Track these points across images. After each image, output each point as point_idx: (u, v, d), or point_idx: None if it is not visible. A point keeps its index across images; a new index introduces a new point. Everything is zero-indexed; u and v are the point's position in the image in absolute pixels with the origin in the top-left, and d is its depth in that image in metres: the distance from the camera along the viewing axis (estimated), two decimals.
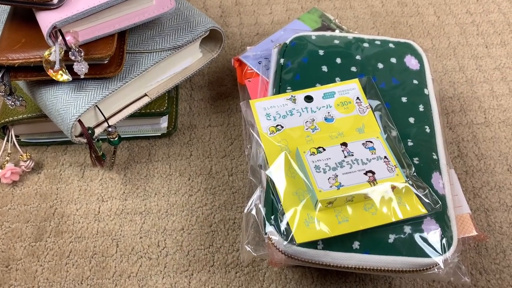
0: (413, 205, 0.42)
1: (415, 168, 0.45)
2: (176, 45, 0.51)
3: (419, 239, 0.41)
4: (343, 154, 0.44)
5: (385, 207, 0.42)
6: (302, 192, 0.42)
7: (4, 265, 0.49)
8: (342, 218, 0.41)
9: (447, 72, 0.64)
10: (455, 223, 0.43)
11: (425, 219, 0.42)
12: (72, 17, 0.43)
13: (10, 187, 0.54)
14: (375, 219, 0.41)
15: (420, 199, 0.42)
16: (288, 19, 0.70)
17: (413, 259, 0.40)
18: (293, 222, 0.40)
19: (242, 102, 0.49)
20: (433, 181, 0.45)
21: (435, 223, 0.42)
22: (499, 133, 0.58)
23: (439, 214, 0.43)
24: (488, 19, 0.70)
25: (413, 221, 0.42)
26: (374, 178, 0.42)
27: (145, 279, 0.48)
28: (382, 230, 0.41)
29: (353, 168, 0.43)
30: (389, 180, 0.42)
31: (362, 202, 0.42)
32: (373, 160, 0.44)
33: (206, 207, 0.52)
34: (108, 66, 0.47)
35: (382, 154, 0.44)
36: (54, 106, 0.47)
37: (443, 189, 0.44)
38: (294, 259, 0.41)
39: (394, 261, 0.40)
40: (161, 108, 0.54)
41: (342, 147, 0.44)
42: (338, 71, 0.52)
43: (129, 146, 0.57)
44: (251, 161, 0.46)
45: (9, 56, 0.45)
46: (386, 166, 0.43)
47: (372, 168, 0.43)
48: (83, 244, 0.50)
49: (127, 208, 0.52)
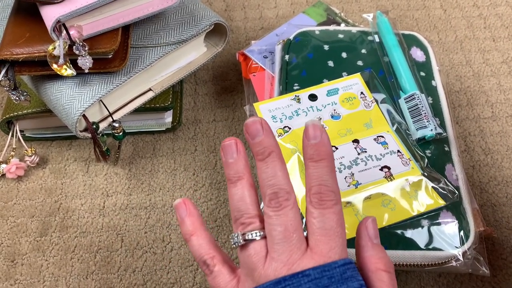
0: (431, 197, 0.41)
1: (428, 161, 0.44)
2: (180, 39, 0.51)
3: (436, 232, 0.41)
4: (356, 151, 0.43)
5: (403, 201, 0.41)
6: None
7: (10, 259, 0.49)
8: (362, 217, 0.40)
9: (454, 66, 0.63)
10: (471, 215, 0.42)
11: (441, 211, 0.42)
12: (76, 11, 0.42)
13: (15, 182, 0.54)
14: (395, 215, 0.41)
15: (436, 190, 0.42)
16: (293, 13, 0.69)
17: (432, 252, 0.40)
18: None
19: (245, 106, 0.49)
20: (447, 173, 0.44)
21: (451, 215, 0.41)
22: (507, 127, 0.57)
23: (455, 206, 0.42)
24: (496, 12, 0.69)
25: (430, 214, 0.41)
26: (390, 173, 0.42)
27: (150, 274, 0.48)
28: (399, 225, 0.41)
29: (368, 165, 0.42)
30: (405, 174, 0.42)
31: (380, 199, 0.41)
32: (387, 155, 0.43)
33: (211, 202, 0.52)
34: (113, 61, 0.47)
35: (395, 148, 0.44)
36: (59, 100, 0.47)
37: (456, 181, 0.44)
38: None
39: (413, 256, 0.40)
40: (165, 102, 0.54)
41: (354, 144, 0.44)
42: (345, 65, 0.52)
43: (133, 141, 0.57)
44: None
45: (14, 51, 0.45)
46: (400, 160, 0.43)
47: (387, 163, 0.42)
48: (88, 239, 0.50)
49: (132, 203, 0.52)
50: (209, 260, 0.33)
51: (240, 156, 0.32)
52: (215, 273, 0.32)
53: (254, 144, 0.31)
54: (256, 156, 0.31)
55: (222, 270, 0.32)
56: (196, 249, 0.34)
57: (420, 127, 0.46)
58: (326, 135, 0.31)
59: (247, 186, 0.32)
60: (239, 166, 0.32)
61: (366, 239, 0.32)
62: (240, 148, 0.32)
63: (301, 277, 0.28)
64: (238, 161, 0.32)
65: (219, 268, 0.33)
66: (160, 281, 0.48)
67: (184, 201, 0.35)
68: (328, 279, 0.28)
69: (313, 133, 0.31)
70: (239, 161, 0.32)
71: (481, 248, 0.42)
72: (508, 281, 0.47)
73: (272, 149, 0.31)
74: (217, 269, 0.33)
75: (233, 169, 0.32)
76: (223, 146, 0.33)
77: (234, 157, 0.32)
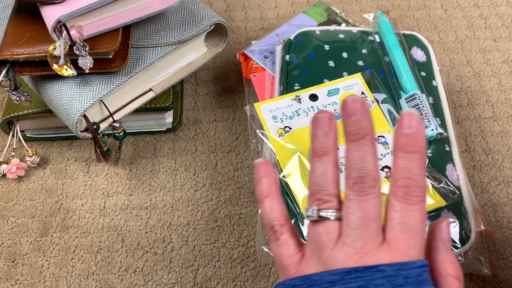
0: (432, 197, 0.41)
1: (429, 161, 0.44)
2: (181, 39, 0.51)
3: None
4: None
5: None
6: None
7: (11, 260, 0.49)
8: None
9: (455, 66, 0.63)
10: (472, 215, 0.42)
11: (442, 211, 0.42)
12: (77, 11, 0.42)
13: (16, 182, 0.54)
14: None
15: (437, 190, 0.42)
16: (294, 13, 0.69)
17: None
18: None
19: (246, 106, 0.49)
20: (447, 173, 0.44)
21: (452, 215, 0.41)
22: (507, 127, 0.57)
23: (456, 206, 0.42)
24: (496, 12, 0.69)
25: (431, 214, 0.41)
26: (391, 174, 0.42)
27: (151, 274, 0.48)
28: None
29: None
30: None
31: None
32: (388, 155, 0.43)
33: (211, 202, 0.52)
34: (113, 61, 0.47)
35: None
36: (59, 101, 0.47)
37: (457, 180, 0.44)
38: None
39: None
40: (166, 103, 0.54)
41: None
42: (345, 65, 0.52)
43: (134, 141, 0.57)
44: None
45: (14, 51, 0.45)
46: None
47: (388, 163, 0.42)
48: (88, 239, 0.50)
49: (133, 203, 0.52)
50: (278, 226, 0.32)
51: (331, 132, 0.31)
52: (281, 241, 0.31)
53: (349, 122, 0.29)
54: (348, 136, 0.30)
55: (289, 241, 0.31)
56: (267, 211, 0.32)
57: None
58: (423, 127, 0.29)
59: (331, 163, 0.30)
60: (328, 141, 0.30)
61: (440, 241, 0.30)
62: (333, 124, 0.31)
63: (374, 271, 0.26)
64: (328, 135, 0.30)
65: (287, 237, 0.31)
66: (160, 281, 0.48)
67: (265, 162, 0.33)
68: (404, 279, 0.26)
69: (409, 122, 0.29)
70: (330, 136, 0.30)
71: (482, 248, 0.42)
72: (509, 281, 0.47)
73: (367, 132, 0.29)
74: (284, 238, 0.31)
75: (322, 143, 0.30)
76: (316, 117, 0.31)
77: (325, 131, 0.30)
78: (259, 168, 0.33)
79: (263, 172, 0.33)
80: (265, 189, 0.33)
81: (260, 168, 0.33)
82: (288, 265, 0.30)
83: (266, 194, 0.33)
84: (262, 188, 0.33)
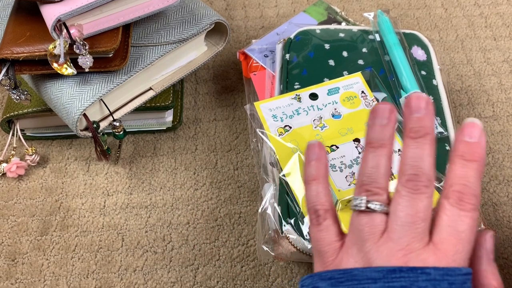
0: None
1: None
2: (181, 38, 0.51)
3: None
4: (357, 150, 0.43)
5: None
6: None
7: (11, 258, 0.49)
8: None
9: (455, 65, 0.63)
10: None
11: None
12: (77, 10, 0.42)
13: (16, 181, 0.54)
14: None
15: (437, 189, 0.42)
16: (294, 11, 0.69)
17: None
18: None
19: (245, 105, 0.48)
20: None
21: None
22: (508, 126, 0.57)
23: None
24: (497, 11, 0.69)
25: None
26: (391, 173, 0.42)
27: (151, 273, 0.48)
28: None
29: None
30: None
31: None
32: None
33: (211, 201, 0.52)
34: (113, 60, 0.47)
35: (395, 147, 0.44)
36: (59, 100, 0.47)
37: None
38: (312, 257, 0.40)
39: None
40: (166, 102, 0.54)
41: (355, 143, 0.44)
42: (345, 64, 0.52)
43: (134, 140, 0.57)
44: (262, 160, 0.46)
45: (14, 50, 0.45)
46: None
47: None
48: (88, 238, 0.50)
49: (133, 202, 0.52)
50: (322, 211, 0.31)
51: (390, 124, 0.30)
52: (323, 226, 0.31)
53: (411, 119, 0.29)
54: (408, 133, 0.29)
55: (331, 228, 0.31)
56: (313, 194, 0.32)
57: None
58: (485, 137, 0.29)
59: (386, 157, 0.29)
60: (385, 133, 0.30)
61: (483, 251, 0.30)
62: (393, 116, 0.30)
63: (419, 273, 0.26)
64: (386, 128, 0.30)
65: (329, 224, 0.31)
66: (160, 280, 0.48)
67: (319, 145, 0.33)
68: (449, 285, 0.25)
69: (471, 131, 0.28)
70: (388, 128, 0.30)
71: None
72: (509, 281, 0.47)
73: (428, 131, 0.29)
74: (327, 224, 0.31)
75: (378, 134, 0.30)
76: (375, 108, 0.30)
77: (384, 123, 0.30)
78: (311, 150, 0.33)
79: (314, 154, 0.33)
80: (314, 172, 0.32)
81: (312, 150, 0.33)
82: (327, 251, 0.30)
83: (314, 177, 0.32)
84: (311, 170, 0.32)
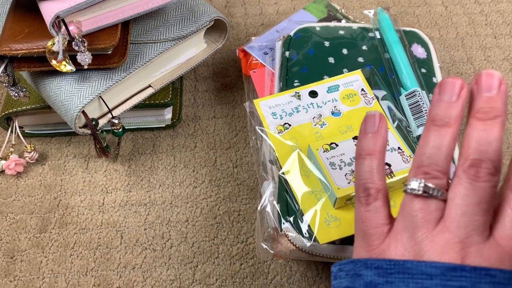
0: None
1: None
2: (180, 35, 0.50)
3: None
4: None
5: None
6: (318, 190, 0.42)
7: (9, 256, 0.49)
8: None
9: (455, 63, 0.63)
10: None
11: None
12: (76, 7, 0.42)
13: (15, 178, 0.54)
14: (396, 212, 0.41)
15: None
16: (294, 9, 0.69)
17: None
18: (314, 223, 0.40)
19: (245, 103, 0.48)
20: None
21: None
22: (507, 125, 0.57)
23: None
24: (497, 8, 0.69)
25: None
26: (391, 171, 0.42)
27: (150, 271, 0.48)
28: None
29: None
30: (406, 171, 0.42)
31: None
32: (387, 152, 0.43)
33: (210, 199, 0.52)
34: (112, 57, 0.47)
35: (395, 145, 0.43)
36: (58, 97, 0.47)
37: None
38: (312, 255, 0.40)
39: None
40: (165, 99, 0.54)
41: (355, 141, 0.44)
42: (345, 62, 0.52)
43: (133, 137, 0.57)
44: (261, 158, 0.46)
45: (12, 46, 0.44)
46: (401, 157, 0.43)
47: (388, 160, 0.42)
48: (87, 236, 0.50)
49: (132, 199, 0.52)
50: (374, 190, 0.28)
51: (459, 102, 0.26)
52: (372, 207, 0.28)
53: (481, 98, 0.26)
54: (475, 114, 0.26)
55: (381, 210, 0.28)
56: (366, 170, 0.28)
57: (421, 124, 0.46)
58: None
59: (450, 137, 0.26)
60: (454, 110, 0.26)
61: None
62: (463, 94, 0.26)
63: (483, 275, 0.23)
64: (455, 105, 0.26)
65: (379, 205, 0.28)
66: (159, 277, 0.48)
67: (380, 116, 0.29)
68: None
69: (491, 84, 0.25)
70: (457, 106, 0.26)
71: None
72: None
73: (500, 114, 0.25)
74: (377, 205, 0.28)
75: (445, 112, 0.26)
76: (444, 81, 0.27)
77: (452, 100, 0.26)
78: (370, 120, 0.29)
79: (373, 126, 0.29)
80: (371, 145, 0.28)
81: (371, 121, 0.29)
82: (373, 234, 0.27)
83: (369, 151, 0.29)
84: (368, 143, 0.29)
